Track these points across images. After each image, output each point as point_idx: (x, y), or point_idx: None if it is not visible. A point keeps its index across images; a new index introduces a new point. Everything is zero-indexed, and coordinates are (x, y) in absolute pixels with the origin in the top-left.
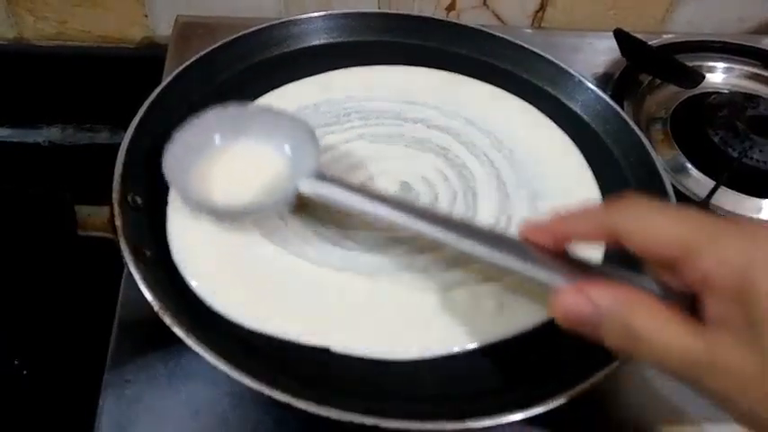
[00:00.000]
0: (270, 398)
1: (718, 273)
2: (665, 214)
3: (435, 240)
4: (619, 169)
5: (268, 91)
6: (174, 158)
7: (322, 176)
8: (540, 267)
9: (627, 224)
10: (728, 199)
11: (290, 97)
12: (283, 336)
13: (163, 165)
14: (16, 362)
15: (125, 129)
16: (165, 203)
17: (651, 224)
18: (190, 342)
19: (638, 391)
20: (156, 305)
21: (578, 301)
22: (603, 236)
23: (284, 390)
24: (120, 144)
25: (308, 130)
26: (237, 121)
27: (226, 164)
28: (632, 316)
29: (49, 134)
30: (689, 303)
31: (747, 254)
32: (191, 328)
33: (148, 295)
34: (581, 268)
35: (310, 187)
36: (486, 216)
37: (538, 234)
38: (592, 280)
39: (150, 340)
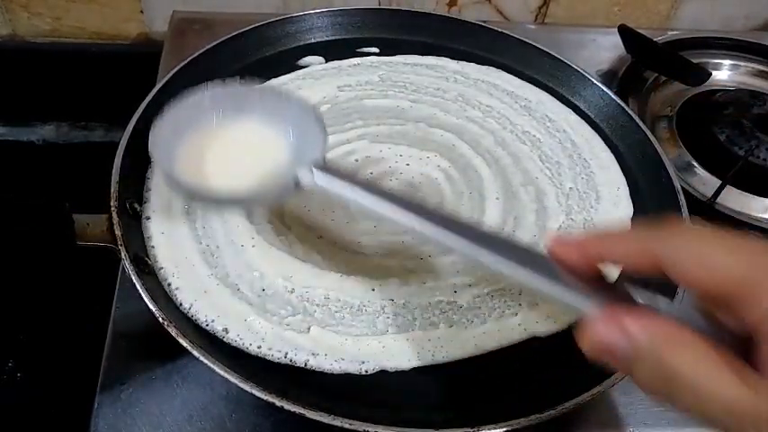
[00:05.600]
0: (268, 402)
1: None
2: (721, 244)
3: (449, 249)
4: (627, 167)
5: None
6: (162, 136)
7: (326, 168)
8: (568, 289)
9: (676, 252)
10: (735, 198)
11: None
12: (270, 358)
13: (149, 141)
14: (10, 363)
15: (120, 127)
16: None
17: (705, 254)
18: (197, 353)
19: (640, 397)
20: (160, 316)
21: (610, 332)
22: (645, 262)
23: (295, 400)
24: (114, 142)
25: (315, 116)
26: (237, 100)
27: (220, 146)
28: (672, 355)
29: (43, 132)
30: (742, 347)
31: None
32: (195, 339)
33: (152, 307)
34: (617, 295)
35: (312, 179)
36: (493, 216)
37: (568, 251)
38: (628, 309)
39: (146, 344)
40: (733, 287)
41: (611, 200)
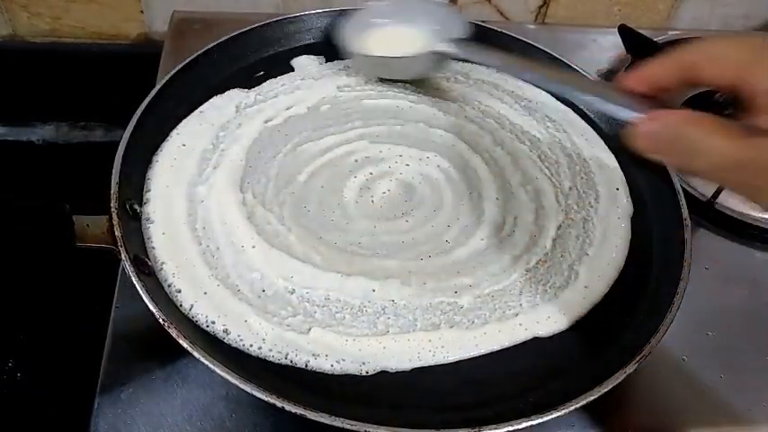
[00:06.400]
0: (269, 403)
1: (766, 85)
2: (727, 42)
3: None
4: (626, 166)
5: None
6: (349, 29)
7: (459, 41)
8: (628, 106)
9: (696, 56)
10: (734, 198)
11: (287, 96)
12: (274, 359)
13: (340, 34)
14: (10, 363)
15: (120, 127)
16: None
17: (715, 51)
18: (197, 354)
19: (651, 396)
20: (160, 317)
21: (652, 123)
22: (681, 73)
23: (295, 401)
24: (114, 142)
25: (459, 17)
26: (405, 7)
27: (388, 35)
28: (693, 127)
29: (43, 132)
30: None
31: None
32: (195, 340)
33: (152, 307)
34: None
35: (447, 47)
36: (492, 216)
37: (633, 81)
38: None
39: (146, 345)
40: (737, 71)
41: (610, 199)
